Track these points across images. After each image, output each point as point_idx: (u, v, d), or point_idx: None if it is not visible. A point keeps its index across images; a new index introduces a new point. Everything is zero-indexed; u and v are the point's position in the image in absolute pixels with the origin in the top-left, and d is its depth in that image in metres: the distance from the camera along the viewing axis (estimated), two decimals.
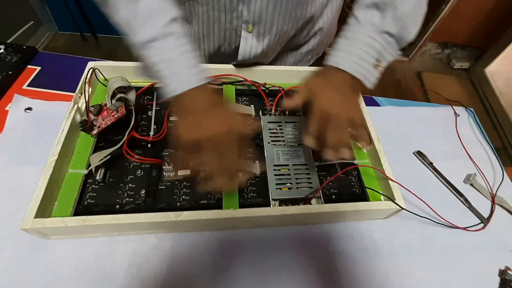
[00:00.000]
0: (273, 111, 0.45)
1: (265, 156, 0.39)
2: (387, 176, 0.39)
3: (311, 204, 0.37)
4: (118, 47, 1.54)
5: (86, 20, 1.48)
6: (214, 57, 0.53)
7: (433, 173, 0.46)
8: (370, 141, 0.41)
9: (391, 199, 0.37)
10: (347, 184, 0.42)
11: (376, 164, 0.42)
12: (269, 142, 0.41)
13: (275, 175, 0.38)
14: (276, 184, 0.37)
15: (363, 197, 0.40)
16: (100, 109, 0.40)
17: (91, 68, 0.44)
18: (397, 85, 1.57)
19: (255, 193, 0.39)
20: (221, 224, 0.36)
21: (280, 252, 0.36)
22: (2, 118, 0.43)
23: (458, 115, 0.56)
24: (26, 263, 0.33)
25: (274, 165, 0.39)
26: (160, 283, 0.33)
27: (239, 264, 0.35)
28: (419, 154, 0.48)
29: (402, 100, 0.57)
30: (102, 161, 0.36)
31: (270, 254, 0.36)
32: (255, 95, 0.50)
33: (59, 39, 1.54)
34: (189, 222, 0.34)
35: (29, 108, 0.45)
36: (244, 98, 0.49)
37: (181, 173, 0.40)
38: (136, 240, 0.35)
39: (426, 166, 0.47)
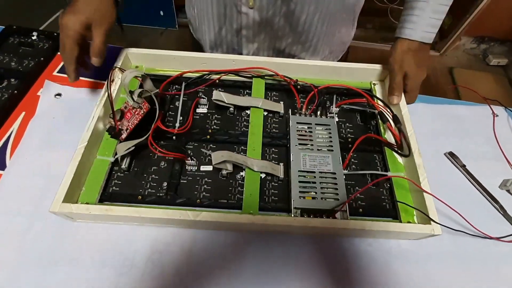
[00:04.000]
0: (303, 110, 0.43)
1: (291, 159, 0.38)
2: (430, 193, 0.35)
3: (335, 217, 0.35)
4: (142, 36, 1.57)
5: None
6: (218, 46, 0.53)
7: (465, 176, 0.43)
8: (409, 153, 0.39)
9: (427, 221, 0.34)
10: (377, 197, 0.39)
11: (413, 178, 0.38)
12: (296, 145, 0.39)
13: (300, 181, 0.36)
14: (300, 191, 0.35)
15: (394, 214, 0.37)
16: (122, 113, 0.39)
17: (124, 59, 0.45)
18: (426, 81, 1.49)
19: (277, 196, 0.38)
20: (239, 226, 0.36)
21: (295, 259, 0.35)
22: (35, 103, 0.45)
23: (497, 115, 0.52)
24: (51, 243, 0.34)
25: (299, 171, 0.37)
26: (180, 272, 0.33)
27: (251, 266, 0.34)
28: (451, 155, 0.45)
29: (433, 97, 0.54)
30: (127, 151, 0.37)
31: (283, 260, 0.35)
32: (285, 91, 0.48)
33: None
34: (207, 222, 0.33)
35: (59, 94, 0.46)
36: (274, 93, 0.48)
37: (203, 168, 0.40)
38: (156, 231, 0.36)
39: (458, 169, 0.44)
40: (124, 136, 0.38)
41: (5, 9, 1.22)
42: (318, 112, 0.44)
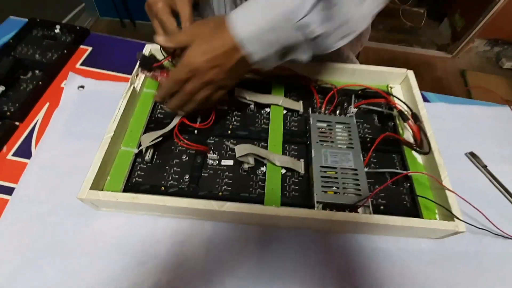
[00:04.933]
0: (323, 109, 0.43)
1: (312, 155, 0.38)
2: (452, 191, 0.35)
3: (357, 212, 0.35)
4: (154, 32, 1.58)
5: (125, 6, 1.53)
6: None
7: (486, 177, 0.43)
8: (430, 150, 0.39)
9: (450, 217, 0.34)
10: (396, 194, 0.39)
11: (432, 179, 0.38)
12: (317, 142, 0.39)
13: (322, 177, 0.36)
14: (322, 186, 0.35)
15: (415, 212, 0.37)
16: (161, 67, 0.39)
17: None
18: (438, 83, 1.48)
19: (297, 192, 0.38)
20: (261, 220, 0.36)
21: (313, 255, 0.35)
22: (59, 94, 0.46)
23: None
24: (74, 230, 0.35)
25: (321, 166, 0.37)
26: (200, 264, 0.34)
27: (269, 260, 0.34)
28: (472, 156, 0.45)
29: (453, 97, 0.53)
30: (153, 142, 0.37)
31: (302, 256, 0.35)
32: (304, 90, 0.48)
33: (100, 24, 1.61)
34: (231, 214, 0.34)
35: (82, 86, 0.47)
36: (293, 93, 0.48)
37: (224, 162, 0.40)
38: (177, 222, 0.36)
39: (479, 169, 0.44)
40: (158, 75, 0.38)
41: (27, 3, 1.24)
42: (337, 112, 0.44)
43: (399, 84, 0.50)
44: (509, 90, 1.52)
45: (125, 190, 0.36)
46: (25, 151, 0.40)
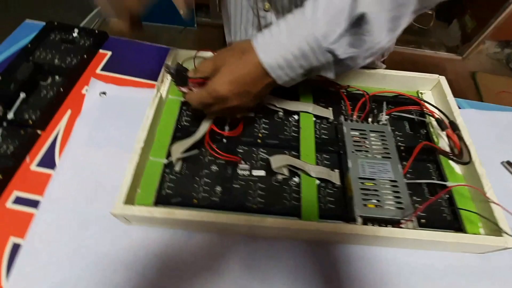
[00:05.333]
0: (355, 116, 0.42)
1: (349, 166, 0.36)
2: (498, 204, 0.34)
3: (401, 227, 0.33)
4: (161, 34, 1.57)
5: None
6: None
7: None
8: (470, 160, 0.37)
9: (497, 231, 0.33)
10: (435, 206, 0.37)
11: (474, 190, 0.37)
12: (352, 152, 0.38)
13: (361, 189, 0.35)
14: (362, 199, 0.34)
15: (456, 225, 0.35)
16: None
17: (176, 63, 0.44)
18: (449, 85, 1.46)
19: (333, 204, 0.37)
20: (298, 234, 0.34)
21: (353, 269, 0.34)
22: (80, 101, 0.44)
23: None
24: (104, 245, 0.33)
25: (359, 178, 0.35)
26: (239, 278, 0.32)
27: (311, 274, 0.33)
28: (509, 165, 0.43)
29: (483, 103, 0.52)
30: (185, 155, 0.36)
31: (343, 270, 0.34)
32: (333, 97, 0.46)
33: (106, 27, 1.59)
34: (271, 229, 0.32)
35: (104, 93, 0.45)
36: (321, 99, 0.47)
37: (256, 173, 0.38)
38: (212, 236, 0.35)
39: None
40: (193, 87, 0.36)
41: (42, 6, 1.23)
42: (369, 119, 0.42)
43: (430, 90, 0.49)
44: None
45: (157, 203, 0.34)
46: (48, 160, 0.39)
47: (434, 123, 0.44)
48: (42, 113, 0.42)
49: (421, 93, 0.48)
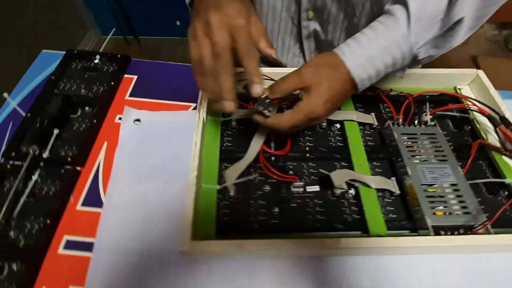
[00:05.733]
0: (400, 120, 0.41)
1: (409, 173, 0.35)
2: None
3: (475, 234, 0.32)
4: (160, 48, 1.55)
5: (128, 23, 1.49)
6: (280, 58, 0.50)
7: None
8: None
9: None
10: (497, 205, 0.36)
11: None
12: (409, 158, 0.37)
13: (426, 196, 0.33)
14: (430, 207, 0.33)
15: None
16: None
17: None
18: None
19: (395, 214, 0.36)
20: (370, 251, 0.33)
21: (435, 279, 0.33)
22: (115, 131, 0.42)
23: None
24: (168, 282, 0.31)
25: (421, 185, 0.34)
26: None
27: None
28: None
29: None
30: (243, 179, 0.34)
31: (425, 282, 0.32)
32: (371, 101, 0.45)
33: (103, 43, 1.57)
34: (344, 249, 0.31)
35: (138, 120, 0.44)
36: (358, 104, 0.46)
37: (310, 189, 0.37)
38: (280, 262, 0.33)
39: None
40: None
41: (33, 35, 1.19)
42: (416, 122, 0.41)
43: (467, 85, 0.48)
44: None
45: (218, 233, 0.33)
46: (94, 198, 0.37)
47: (480, 118, 0.43)
48: (79, 148, 0.40)
49: (459, 89, 0.48)
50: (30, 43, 1.13)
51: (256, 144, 0.37)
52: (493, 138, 0.42)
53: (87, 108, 0.44)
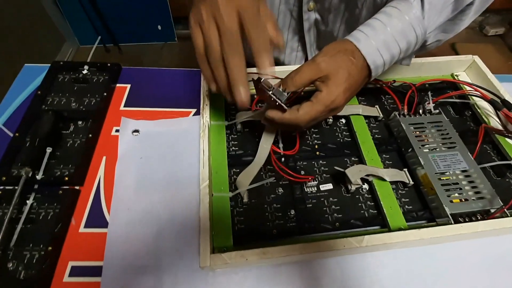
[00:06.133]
0: (405, 111, 0.41)
1: (422, 164, 0.35)
2: None
3: (493, 218, 0.32)
4: (141, 54, 1.50)
5: (108, 31, 1.44)
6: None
7: None
8: None
9: None
10: (506, 187, 0.37)
11: None
12: (419, 148, 0.36)
13: (441, 185, 0.33)
14: (447, 196, 0.33)
15: None
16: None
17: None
18: None
19: (410, 205, 0.35)
20: (391, 245, 0.32)
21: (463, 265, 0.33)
22: (113, 144, 0.40)
23: None
24: None
25: (435, 173, 0.34)
26: None
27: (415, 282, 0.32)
28: None
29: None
30: (257, 184, 0.33)
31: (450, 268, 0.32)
32: (372, 94, 0.45)
33: (83, 54, 1.51)
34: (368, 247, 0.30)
35: (136, 131, 0.41)
36: (360, 98, 0.45)
37: (324, 187, 0.36)
38: (299, 266, 0.32)
39: None
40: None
41: (10, 48, 1.13)
42: (420, 111, 0.41)
43: (463, 71, 0.49)
44: (498, 55, 1.57)
45: (236, 243, 0.31)
46: (97, 218, 0.34)
47: (480, 103, 0.44)
48: (75, 166, 0.37)
49: (456, 76, 0.48)
50: (6, 57, 1.07)
51: (265, 146, 0.35)
52: (495, 122, 0.43)
53: (80, 122, 0.41)
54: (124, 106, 0.44)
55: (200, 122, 0.37)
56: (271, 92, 0.29)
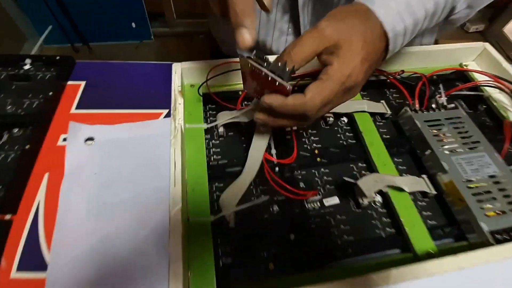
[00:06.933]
0: (417, 105, 0.35)
1: (446, 168, 0.29)
2: None
3: None
4: (114, 54, 1.39)
5: (76, 30, 1.32)
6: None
7: None
8: None
9: None
10: None
11: None
12: (439, 149, 0.30)
13: (472, 195, 0.27)
14: (480, 208, 0.27)
15: None
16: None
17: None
18: None
19: (435, 219, 0.29)
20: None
21: None
22: (59, 157, 0.31)
23: None
24: None
25: (463, 181, 0.28)
26: None
27: None
28: None
29: None
30: (246, 205, 0.25)
31: None
32: (374, 87, 0.39)
33: (47, 54, 1.37)
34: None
35: (90, 139, 0.33)
36: (361, 92, 0.39)
37: (328, 202, 0.29)
38: None
39: None
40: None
41: None
42: (433, 105, 0.35)
43: (473, 60, 0.43)
44: None
45: (220, 284, 0.24)
46: (34, 258, 0.26)
47: (496, 96, 0.39)
48: (6, 187, 0.28)
49: (465, 65, 0.43)
50: None
51: (256, 154, 0.28)
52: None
53: (16, 130, 0.32)
54: (77, 108, 0.36)
55: (171, 125, 0.29)
56: (267, 68, 0.21)
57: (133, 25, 1.37)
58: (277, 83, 0.21)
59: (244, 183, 0.26)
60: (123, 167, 0.31)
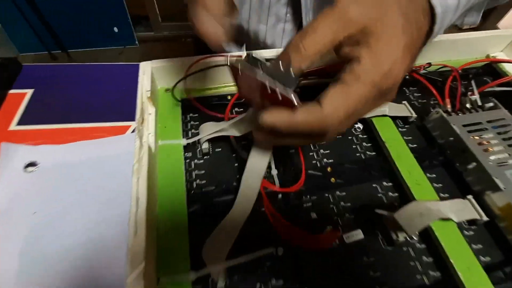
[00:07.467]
0: (448, 106, 0.28)
1: (501, 186, 0.22)
2: None
3: None
4: (96, 61, 1.30)
5: (54, 37, 1.23)
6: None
7: None
8: None
9: None
10: None
11: None
12: (488, 161, 0.23)
13: None
14: None
15: None
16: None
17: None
18: None
19: (487, 254, 0.22)
20: None
21: None
22: None
23: None
24: None
25: None
26: None
27: None
28: None
29: None
30: (241, 260, 0.18)
31: None
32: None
33: (23, 62, 1.28)
34: None
35: (32, 164, 0.25)
36: None
37: (349, 238, 0.22)
38: None
39: None
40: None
41: None
42: (468, 105, 0.29)
43: (501, 51, 0.37)
44: None
45: None
46: None
47: None
48: None
49: (493, 57, 0.37)
50: None
51: (251, 182, 0.21)
52: None
53: None
54: (18, 124, 0.28)
55: (135, 143, 0.21)
56: (265, 72, 0.15)
57: (115, 29, 1.29)
58: (279, 96, 0.14)
59: (236, 225, 0.19)
60: (73, 202, 0.23)
